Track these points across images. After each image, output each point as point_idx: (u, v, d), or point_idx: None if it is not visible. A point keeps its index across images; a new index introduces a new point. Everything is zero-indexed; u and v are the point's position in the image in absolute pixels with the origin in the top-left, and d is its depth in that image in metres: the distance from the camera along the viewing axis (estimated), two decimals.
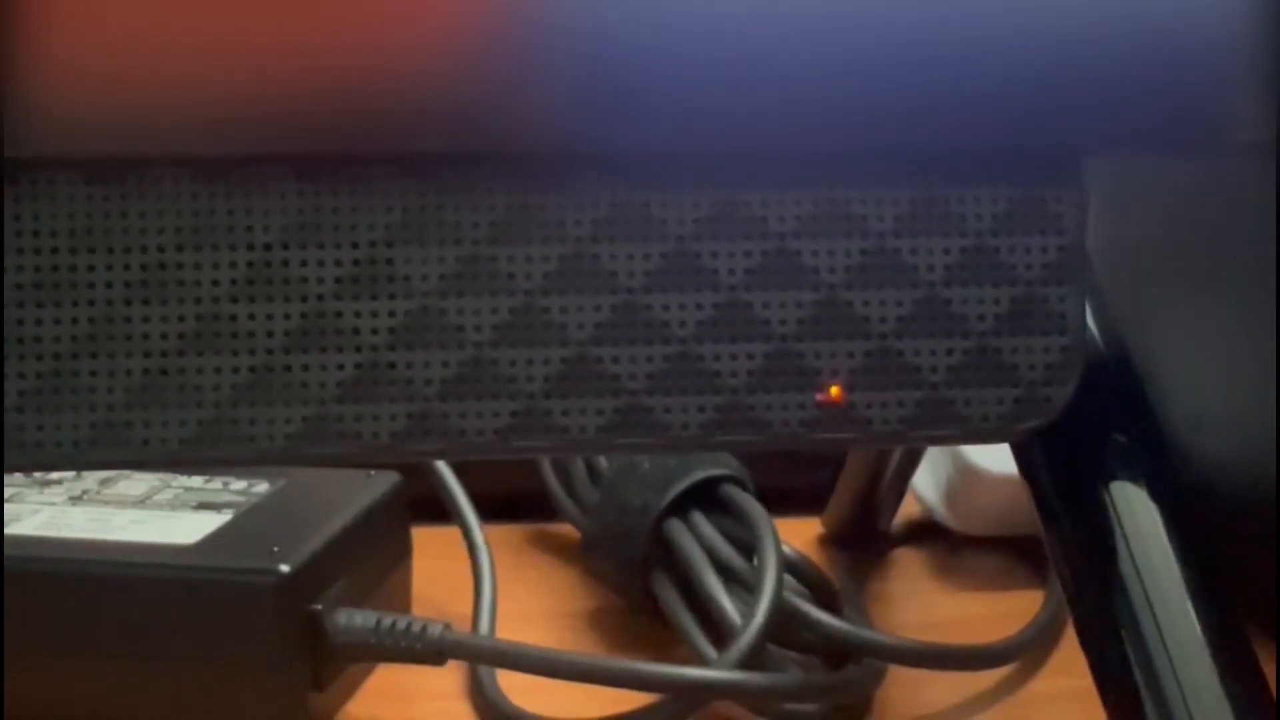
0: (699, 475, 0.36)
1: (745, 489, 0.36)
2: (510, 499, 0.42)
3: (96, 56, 0.19)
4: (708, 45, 0.20)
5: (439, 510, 0.39)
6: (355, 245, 0.20)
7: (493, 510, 0.40)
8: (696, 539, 0.35)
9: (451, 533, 0.39)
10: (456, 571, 0.38)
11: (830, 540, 0.43)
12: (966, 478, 0.40)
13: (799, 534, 0.42)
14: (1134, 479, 0.23)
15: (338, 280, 0.20)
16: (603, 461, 0.38)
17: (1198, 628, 0.22)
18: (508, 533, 0.43)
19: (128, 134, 0.20)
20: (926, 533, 0.44)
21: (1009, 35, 0.20)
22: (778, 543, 0.33)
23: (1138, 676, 0.22)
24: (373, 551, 0.36)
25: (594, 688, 0.31)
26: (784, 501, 0.39)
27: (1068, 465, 0.24)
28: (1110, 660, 0.23)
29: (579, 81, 0.20)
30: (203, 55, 0.19)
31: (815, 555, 0.40)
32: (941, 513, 0.42)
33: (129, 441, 0.20)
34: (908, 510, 0.43)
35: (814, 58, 0.20)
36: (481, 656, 0.33)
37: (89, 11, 0.19)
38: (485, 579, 0.37)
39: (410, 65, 0.19)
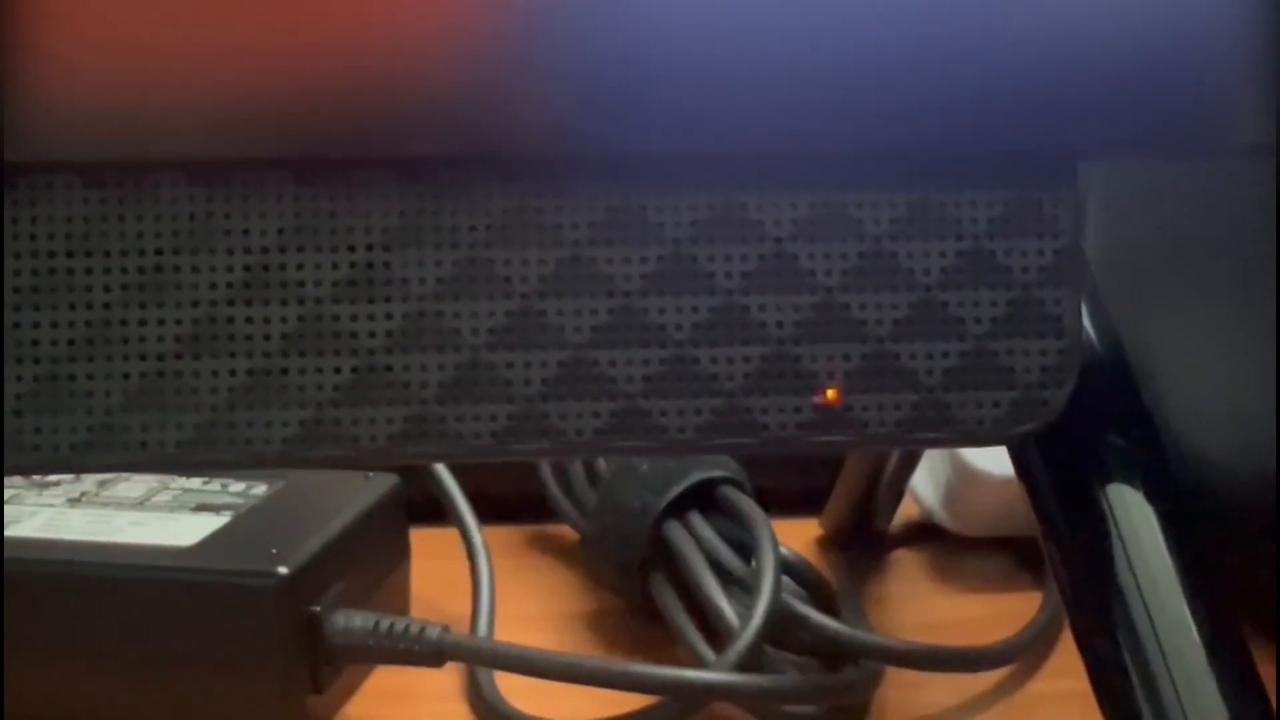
0: (697, 477, 0.36)
1: (743, 491, 0.36)
2: (509, 501, 0.42)
3: (95, 60, 0.19)
4: (704, 48, 0.20)
5: (437, 512, 0.39)
6: (352, 249, 0.20)
7: (491, 512, 0.40)
8: (695, 541, 0.35)
9: (450, 534, 0.39)
10: (455, 573, 0.38)
11: (828, 542, 0.43)
12: (965, 479, 0.41)
13: (797, 535, 0.42)
14: (1131, 481, 0.23)
15: (335, 284, 0.20)
16: (601, 463, 0.38)
17: (1194, 631, 0.22)
18: (506, 534, 0.43)
19: (126, 138, 0.20)
20: (925, 534, 0.44)
21: (1004, 39, 0.20)
22: (776, 544, 0.33)
23: (1134, 679, 0.22)
24: (371, 553, 0.36)
25: (592, 689, 0.31)
26: (782, 503, 0.39)
27: (1064, 468, 0.24)
28: (1107, 663, 0.23)
29: (576, 85, 0.20)
30: (200, 59, 0.19)
31: (813, 556, 0.41)
32: (940, 514, 0.42)
33: (127, 445, 0.20)
34: (906, 512, 0.43)
35: (810, 61, 0.20)
36: (480, 658, 0.33)
37: (87, 16, 0.19)
38: (484, 581, 0.37)
39: (408, 69, 0.19)
